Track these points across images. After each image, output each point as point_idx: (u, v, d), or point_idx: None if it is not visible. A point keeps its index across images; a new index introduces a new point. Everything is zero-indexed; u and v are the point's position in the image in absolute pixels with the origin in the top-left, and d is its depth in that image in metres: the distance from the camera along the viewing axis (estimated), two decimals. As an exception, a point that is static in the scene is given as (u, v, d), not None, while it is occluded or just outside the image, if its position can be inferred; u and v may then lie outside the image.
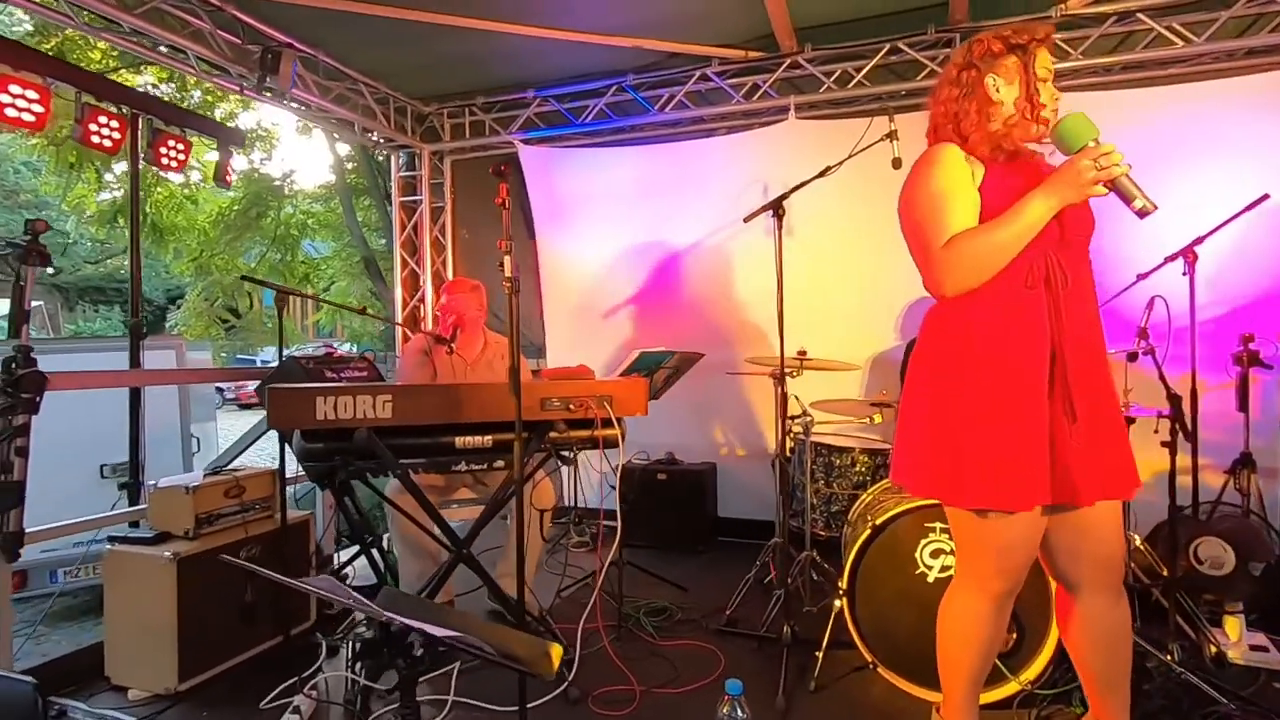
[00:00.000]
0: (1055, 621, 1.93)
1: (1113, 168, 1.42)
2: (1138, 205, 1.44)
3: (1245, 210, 2.58)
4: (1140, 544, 2.66)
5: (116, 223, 9.27)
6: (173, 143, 3.39)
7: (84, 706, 2.24)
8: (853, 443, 3.14)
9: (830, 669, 2.34)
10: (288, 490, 2.82)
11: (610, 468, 2.56)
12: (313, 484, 3.26)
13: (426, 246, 5.06)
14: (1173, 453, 2.29)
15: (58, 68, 3.02)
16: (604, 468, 2.62)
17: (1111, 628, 1.68)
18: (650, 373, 2.91)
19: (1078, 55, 3.50)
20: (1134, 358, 2.45)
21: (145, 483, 3.84)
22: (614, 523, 2.73)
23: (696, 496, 3.94)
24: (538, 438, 2.38)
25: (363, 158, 8.39)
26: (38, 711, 1.69)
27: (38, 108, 2.76)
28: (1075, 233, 1.57)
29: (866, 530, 2.31)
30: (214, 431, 6.04)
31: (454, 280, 3.75)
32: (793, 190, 2.54)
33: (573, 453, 2.56)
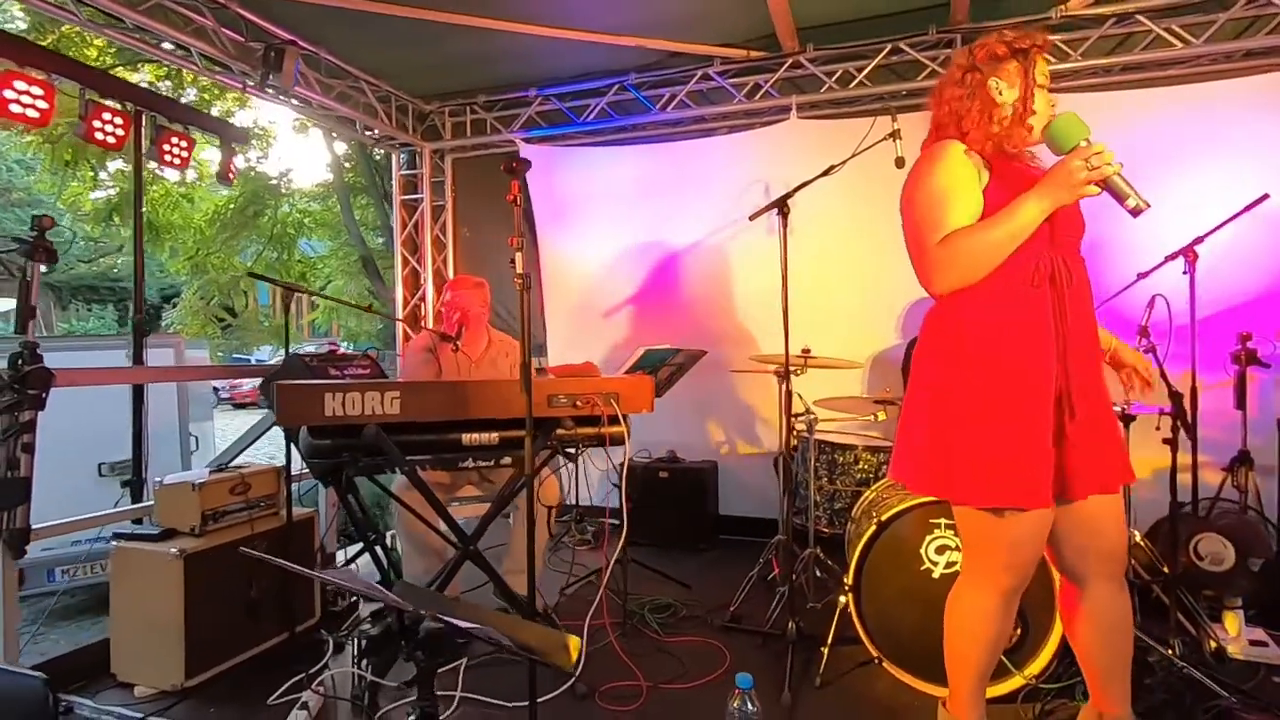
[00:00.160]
0: (1059, 616, 1.95)
1: (1104, 167, 1.42)
2: (1131, 204, 1.45)
3: (1245, 210, 2.60)
4: (1141, 540, 2.69)
5: (112, 221, 9.22)
6: (176, 139, 3.38)
7: (91, 703, 2.24)
8: (856, 440, 3.15)
9: (835, 664, 2.36)
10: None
11: (614, 465, 2.57)
12: (315, 481, 3.26)
13: (427, 245, 5.06)
14: (1174, 450, 2.31)
15: (62, 64, 3.02)
16: (605, 465, 2.63)
17: (1115, 617, 1.71)
18: (654, 370, 2.92)
19: (1078, 56, 3.53)
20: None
21: (147, 480, 3.84)
22: (617, 521, 2.74)
23: (698, 494, 3.95)
24: (545, 434, 2.39)
25: (361, 156, 8.37)
26: (49, 707, 1.69)
27: (42, 104, 2.75)
28: (1065, 234, 1.59)
29: (872, 526, 2.32)
30: (211, 431, 6.03)
31: (458, 277, 3.75)
32: (798, 189, 2.55)
33: (578, 450, 2.56)
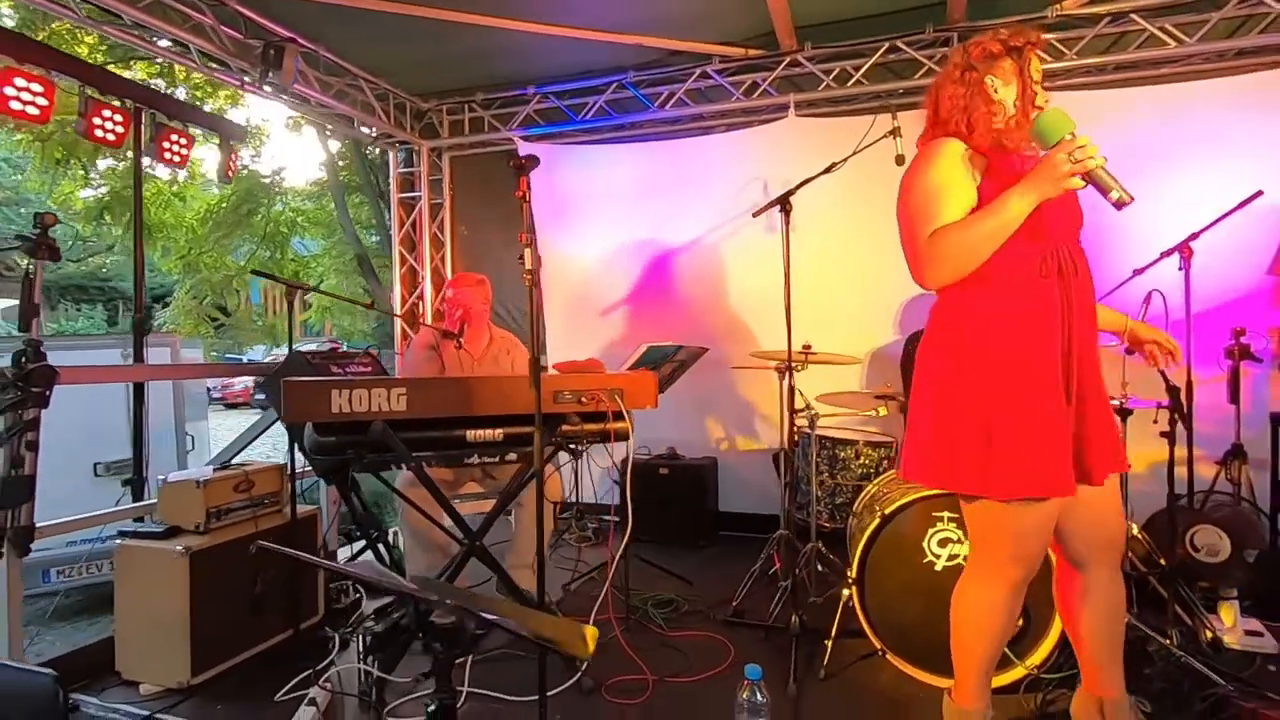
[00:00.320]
0: (1056, 604, 1.98)
1: (1088, 160, 1.43)
2: (1114, 196, 1.45)
3: (1239, 207, 2.63)
4: (1139, 533, 2.72)
5: (103, 220, 9.16)
6: (176, 137, 3.38)
7: (96, 701, 2.24)
8: (857, 435, 3.18)
9: (839, 657, 2.38)
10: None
11: (616, 462, 2.58)
12: (316, 479, 3.26)
13: (425, 243, 5.06)
14: (1171, 443, 2.34)
15: (62, 61, 3.01)
16: (607, 462, 2.64)
17: (1113, 602, 1.77)
18: (657, 366, 2.93)
19: (1072, 55, 3.56)
20: (1132, 351, 2.51)
21: (147, 479, 3.82)
22: (618, 517, 2.75)
23: (698, 491, 3.97)
24: (550, 430, 2.40)
25: (355, 154, 8.35)
26: (59, 704, 1.69)
27: (42, 100, 2.74)
28: (1065, 225, 1.61)
29: (875, 520, 2.35)
30: (206, 430, 6.02)
31: (459, 275, 3.75)
32: (800, 185, 2.58)
33: (581, 446, 2.57)
